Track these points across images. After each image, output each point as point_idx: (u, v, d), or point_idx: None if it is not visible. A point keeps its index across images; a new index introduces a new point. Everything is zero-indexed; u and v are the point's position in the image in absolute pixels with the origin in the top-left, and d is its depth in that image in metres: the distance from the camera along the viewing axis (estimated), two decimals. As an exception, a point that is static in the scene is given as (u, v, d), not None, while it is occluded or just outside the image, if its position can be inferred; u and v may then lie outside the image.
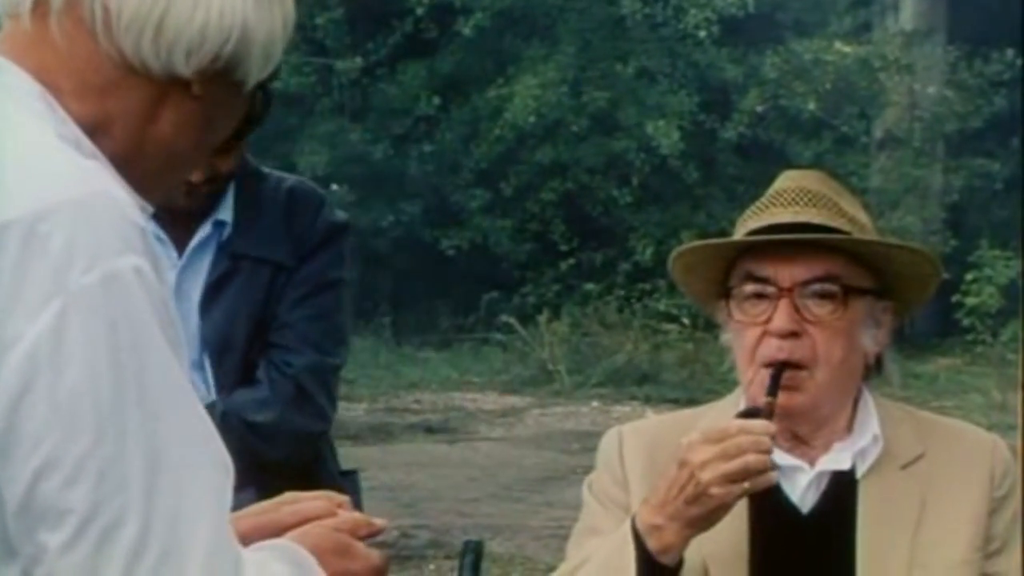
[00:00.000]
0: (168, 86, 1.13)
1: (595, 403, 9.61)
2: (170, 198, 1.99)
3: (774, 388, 1.57)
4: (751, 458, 1.48)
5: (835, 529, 1.60)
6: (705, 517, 1.50)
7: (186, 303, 2.07)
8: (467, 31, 12.27)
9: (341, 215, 2.21)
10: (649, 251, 12.02)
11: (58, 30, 1.11)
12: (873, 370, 1.67)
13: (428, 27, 12.45)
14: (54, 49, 1.11)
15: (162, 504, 1.01)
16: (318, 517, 1.24)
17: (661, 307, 11.14)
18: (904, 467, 1.63)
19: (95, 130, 1.12)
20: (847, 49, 12.81)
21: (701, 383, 9.48)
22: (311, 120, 12.52)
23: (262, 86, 1.18)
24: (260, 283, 2.09)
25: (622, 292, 11.54)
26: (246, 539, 1.11)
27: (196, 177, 2.03)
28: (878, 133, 13.14)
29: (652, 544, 1.51)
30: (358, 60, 12.36)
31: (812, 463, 1.62)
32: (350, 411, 8.50)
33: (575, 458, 7.30)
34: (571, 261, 12.30)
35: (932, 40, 13.07)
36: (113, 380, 1.01)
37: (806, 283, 1.58)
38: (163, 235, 2.08)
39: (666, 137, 11.90)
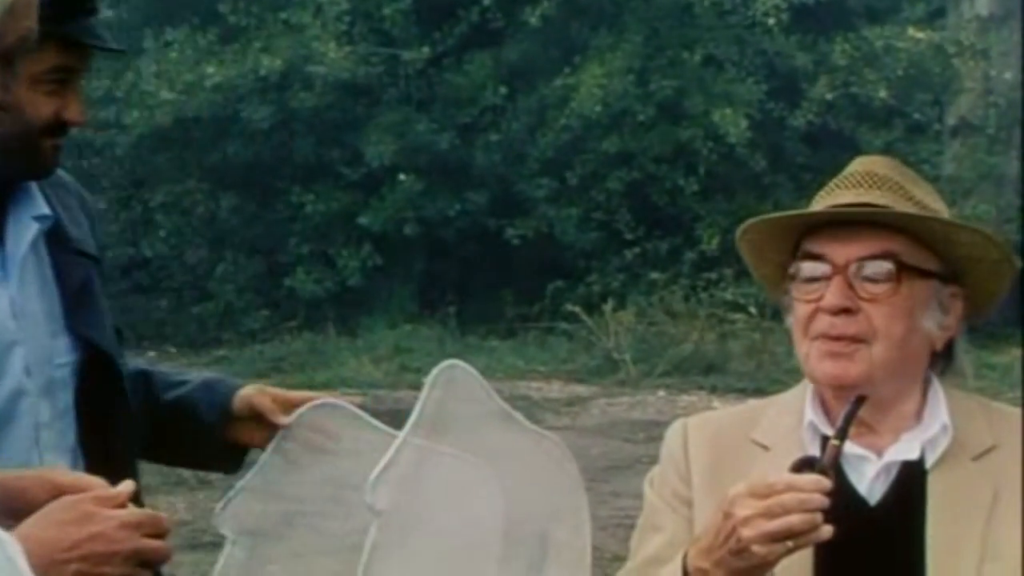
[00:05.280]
0: None
1: (661, 393, 9.56)
2: (27, 163, 1.66)
3: (844, 431, 1.50)
4: (795, 519, 1.43)
5: (904, 521, 1.57)
6: (750, 571, 1.47)
7: (30, 320, 1.69)
8: (533, 20, 12.24)
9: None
10: (715, 240, 11.91)
11: None
12: (943, 360, 1.63)
13: (495, 17, 12.44)
14: None
15: None
16: (70, 490, 1.31)
17: (728, 296, 11.03)
18: (975, 459, 1.59)
19: None
20: (920, 35, 12.58)
21: (768, 373, 9.39)
22: (377, 110, 12.58)
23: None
24: (101, 280, 1.85)
25: (688, 281, 11.45)
26: None
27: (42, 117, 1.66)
28: (951, 120, 12.90)
29: None
30: (425, 50, 12.38)
31: (880, 453, 1.59)
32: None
33: (641, 448, 7.27)
34: (637, 250, 12.23)
35: (1008, 25, 12.80)
36: None
37: (861, 261, 1.55)
38: None
39: (733, 125, 11.78)
